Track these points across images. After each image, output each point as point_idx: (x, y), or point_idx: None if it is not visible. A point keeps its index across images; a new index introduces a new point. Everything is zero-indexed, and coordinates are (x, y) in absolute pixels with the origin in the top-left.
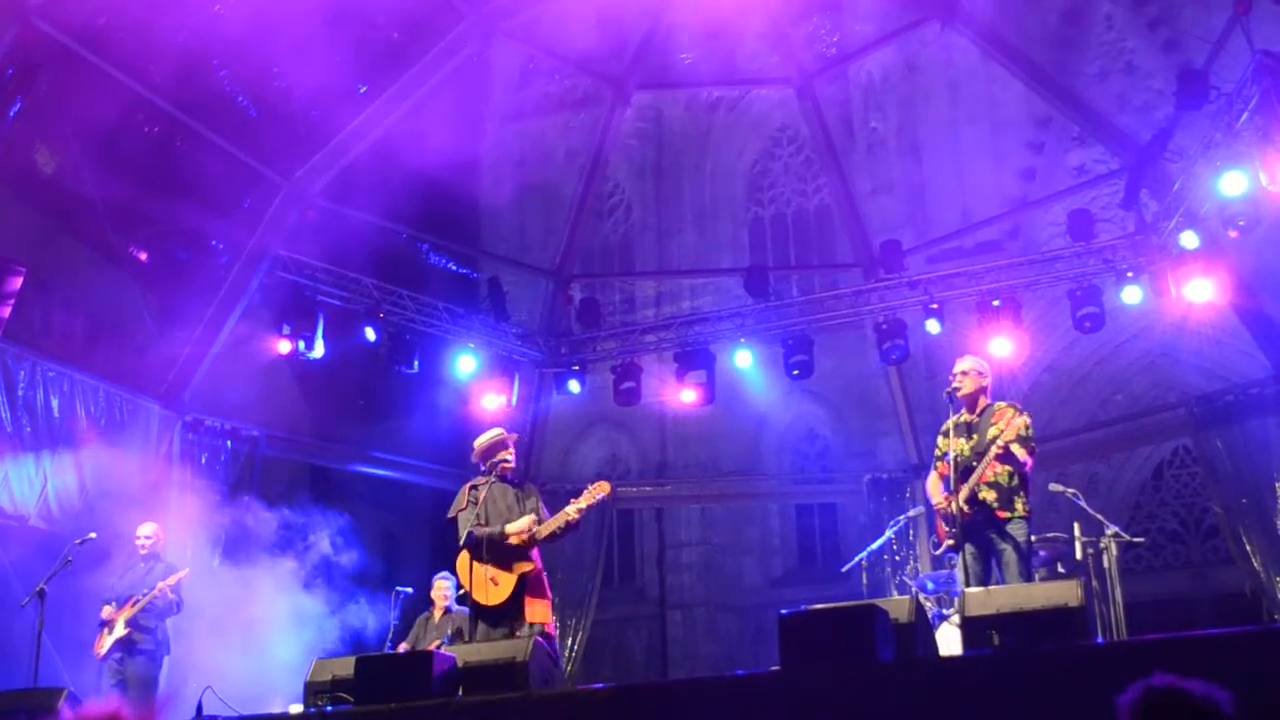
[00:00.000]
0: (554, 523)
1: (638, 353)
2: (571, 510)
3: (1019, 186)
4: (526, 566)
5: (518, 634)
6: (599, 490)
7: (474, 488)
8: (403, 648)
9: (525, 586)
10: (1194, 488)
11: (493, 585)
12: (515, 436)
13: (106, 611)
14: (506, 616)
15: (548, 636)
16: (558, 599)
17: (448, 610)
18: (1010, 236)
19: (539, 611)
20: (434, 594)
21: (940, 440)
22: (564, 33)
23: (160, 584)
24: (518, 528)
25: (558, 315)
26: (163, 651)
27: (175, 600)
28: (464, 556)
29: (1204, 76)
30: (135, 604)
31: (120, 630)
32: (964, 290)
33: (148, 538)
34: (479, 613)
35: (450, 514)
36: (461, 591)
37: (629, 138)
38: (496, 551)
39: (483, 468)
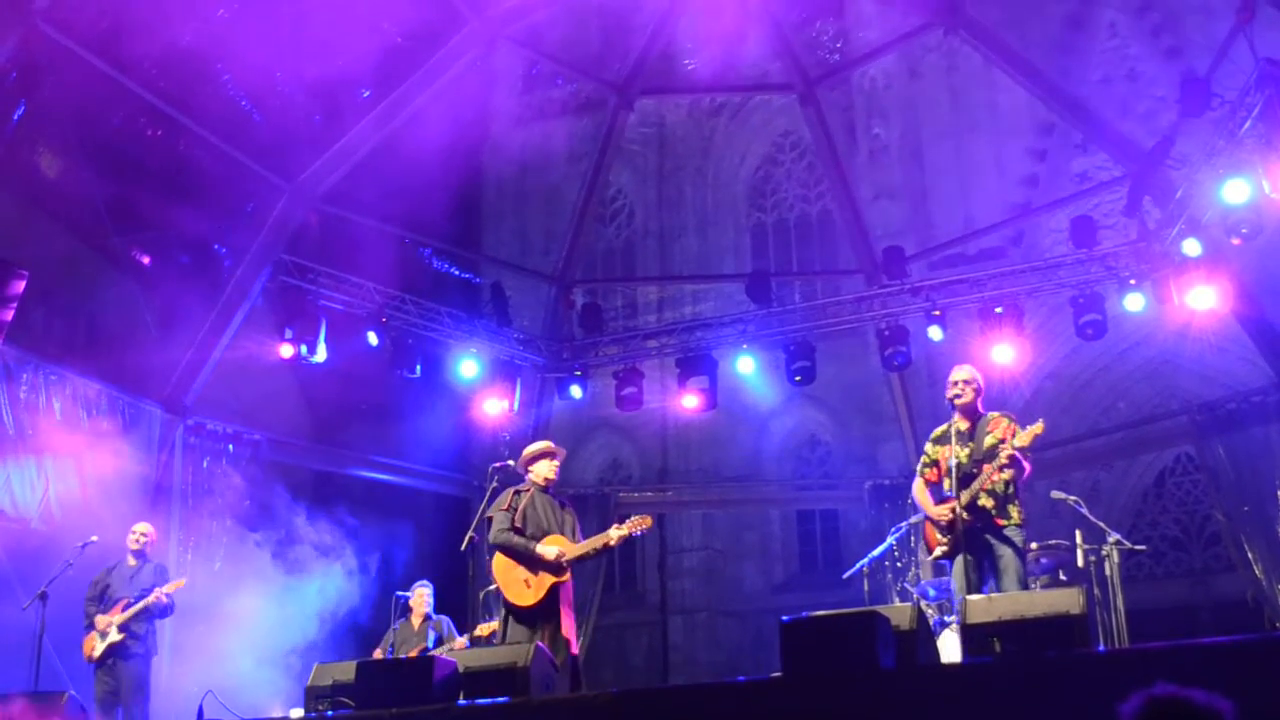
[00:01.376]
0: (590, 544)
1: (640, 358)
2: (613, 535)
3: (1021, 193)
4: (562, 577)
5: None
6: (642, 523)
7: (517, 493)
8: (376, 654)
9: (558, 595)
10: (1196, 495)
11: (525, 587)
12: (563, 452)
13: (101, 622)
14: (540, 620)
15: (573, 656)
16: None
17: (427, 617)
18: (1013, 243)
19: (566, 626)
20: (413, 601)
21: (929, 448)
22: (568, 38)
23: (158, 590)
24: (545, 552)
25: (560, 320)
26: (152, 653)
27: (169, 604)
28: (499, 557)
29: (1207, 84)
30: (128, 608)
31: (114, 636)
32: (966, 297)
33: (144, 535)
34: (511, 613)
35: (489, 512)
36: (492, 587)
37: (632, 143)
38: (529, 559)
39: (525, 476)
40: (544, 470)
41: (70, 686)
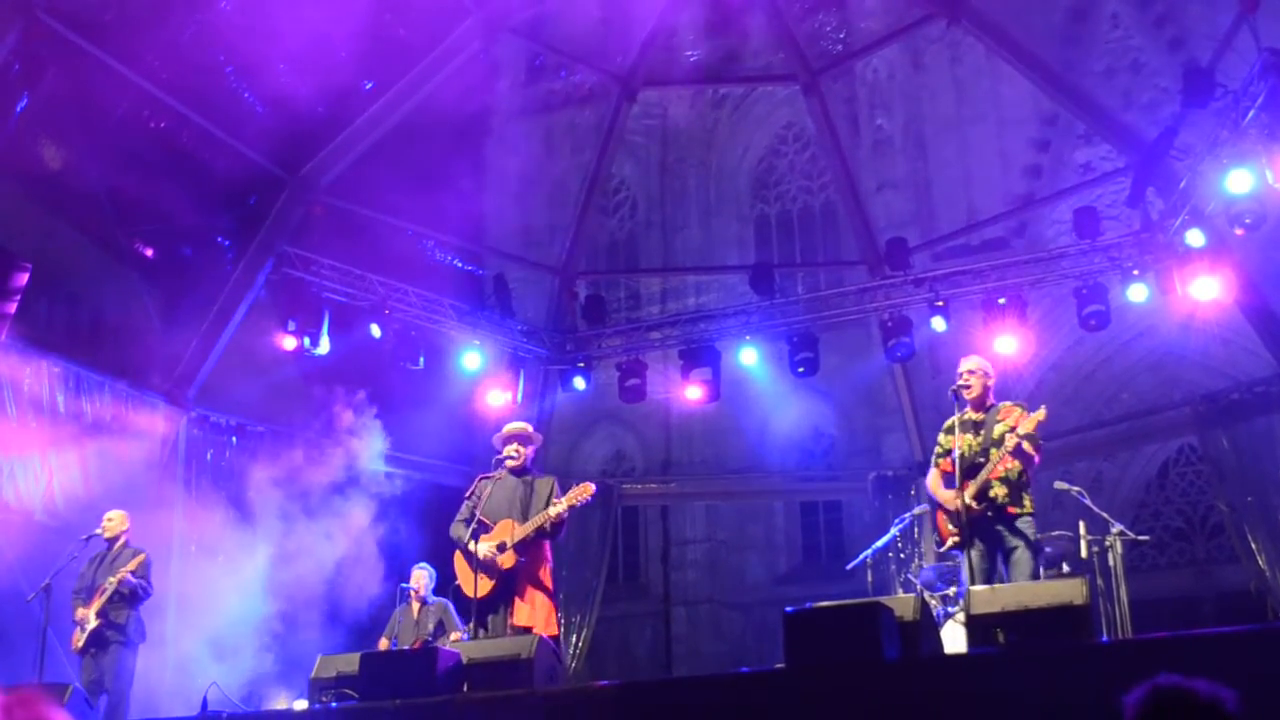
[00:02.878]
0: (534, 523)
1: (643, 350)
2: (551, 511)
3: (1025, 184)
4: (507, 563)
5: (507, 633)
6: (582, 492)
7: (484, 479)
8: (382, 644)
9: (511, 584)
10: (1199, 486)
11: (476, 579)
12: (539, 438)
13: (80, 613)
14: (489, 611)
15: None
16: (561, 597)
17: (425, 602)
18: (1016, 234)
19: (524, 614)
20: (411, 585)
21: (942, 438)
22: (570, 29)
23: (122, 570)
24: (483, 551)
25: (563, 312)
26: (137, 640)
27: (142, 584)
28: (457, 551)
29: (1210, 74)
30: (102, 594)
31: (92, 623)
32: (970, 288)
33: (110, 520)
34: (471, 606)
35: None
36: (455, 583)
37: (634, 134)
38: (470, 554)
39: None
40: (506, 453)
41: (75, 679)
